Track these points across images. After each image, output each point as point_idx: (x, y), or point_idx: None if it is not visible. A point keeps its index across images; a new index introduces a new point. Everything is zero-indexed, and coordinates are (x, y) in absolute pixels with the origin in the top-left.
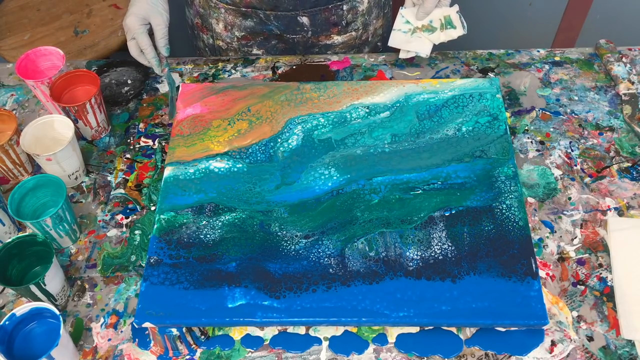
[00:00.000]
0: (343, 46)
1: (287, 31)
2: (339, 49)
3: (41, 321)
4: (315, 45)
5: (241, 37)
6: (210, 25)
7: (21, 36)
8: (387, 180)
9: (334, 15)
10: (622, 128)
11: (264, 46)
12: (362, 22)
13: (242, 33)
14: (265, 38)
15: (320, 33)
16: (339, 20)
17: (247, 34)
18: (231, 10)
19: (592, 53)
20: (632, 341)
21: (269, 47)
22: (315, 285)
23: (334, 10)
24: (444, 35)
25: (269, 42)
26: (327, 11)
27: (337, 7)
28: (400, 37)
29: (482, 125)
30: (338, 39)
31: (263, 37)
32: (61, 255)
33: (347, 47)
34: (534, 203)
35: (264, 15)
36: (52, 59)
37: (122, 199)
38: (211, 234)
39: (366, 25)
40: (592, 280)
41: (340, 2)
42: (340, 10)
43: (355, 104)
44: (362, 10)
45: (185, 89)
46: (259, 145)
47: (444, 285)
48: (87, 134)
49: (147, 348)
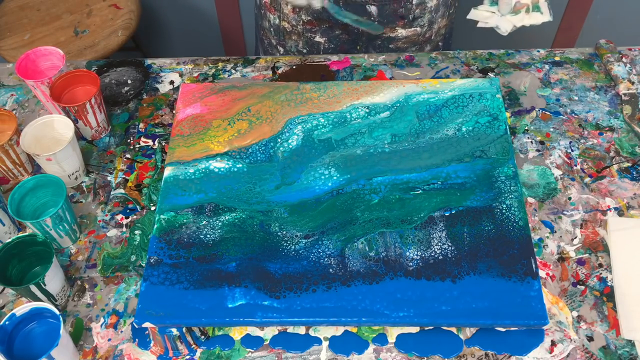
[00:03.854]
0: (406, 41)
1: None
2: (402, 43)
3: (41, 321)
4: (378, 37)
5: (307, 22)
6: (279, 5)
7: (21, 36)
8: (387, 180)
9: (403, 8)
10: (622, 128)
11: (327, 35)
12: (429, 18)
13: (309, 18)
14: (330, 27)
15: (386, 25)
16: (406, 13)
17: (313, 19)
18: None
19: (592, 53)
20: (632, 341)
21: (332, 36)
22: (315, 285)
23: (404, 3)
24: (529, 19)
25: (333, 31)
26: (396, 3)
27: (407, 1)
28: (483, 13)
29: (482, 125)
30: (402, 32)
31: (328, 25)
32: (61, 255)
33: (410, 42)
34: (534, 203)
35: (334, 1)
36: (52, 59)
37: (122, 199)
38: (211, 234)
39: (432, 23)
40: (592, 280)
41: None
42: (409, 4)
43: (355, 104)
44: (431, 7)
45: (185, 89)
46: (259, 145)
47: (444, 285)
48: (87, 134)
49: (147, 348)
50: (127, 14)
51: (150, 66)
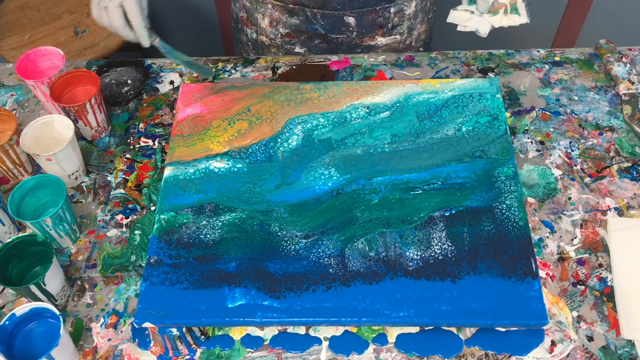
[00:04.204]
0: (386, 49)
1: (332, 31)
2: (382, 51)
3: (41, 321)
4: (358, 46)
5: (285, 35)
6: (255, 20)
7: (21, 36)
8: (387, 180)
9: (381, 17)
10: (622, 128)
11: (306, 45)
12: (408, 25)
13: (287, 30)
14: (309, 37)
15: (365, 34)
16: (385, 22)
17: (291, 32)
18: (278, 7)
19: (592, 53)
20: (632, 341)
21: (311, 46)
22: (315, 285)
23: (381, 12)
24: (507, 20)
25: (312, 41)
26: (374, 12)
27: (385, 9)
28: (461, 15)
29: (482, 125)
30: (382, 40)
31: (307, 36)
32: (61, 255)
33: (390, 50)
34: (534, 203)
35: (311, 14)
36: (52, 59)
37: (122, 199)
38: (211, 234)
39: (411, 30)
40: (592, 280)
41: (388, 5)
42: (387, 13)
43: (355, 104)
44: (409, 13)
45: (185, 89)
46: (259, 145)
47: (444, 285)
48: (87, 134)
49: (147, 348)
50: None
51: (150, 66)
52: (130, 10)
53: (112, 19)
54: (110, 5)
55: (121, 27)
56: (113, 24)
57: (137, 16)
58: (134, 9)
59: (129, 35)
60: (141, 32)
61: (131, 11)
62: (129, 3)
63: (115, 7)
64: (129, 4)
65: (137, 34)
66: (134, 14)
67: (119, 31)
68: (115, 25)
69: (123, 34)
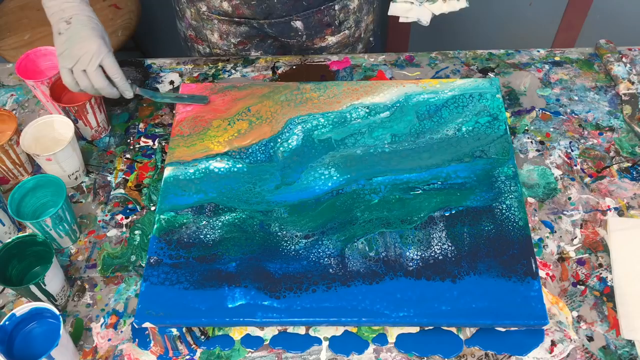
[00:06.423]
0: (338, 46)
1: (282, 36)
2: (334, 49)
3: (41, 321)
4: (310, 49)
5: (238, 43)
6: (205, 36)
7: (21, 36)
8: (387, 180)
9: (327, 16)
10: (622, 128)
11: (261, 47)
12: (354, 19)
13: (238, 39)
14: (262, 39)
15: (315, 36)
16: (331, 20)
17: (243, 39)
18: (224, 21)
19: (592, 53)
20: (632, 341)
21: (266, 46)
22: (315, 285)
23: (326, 11)
24: (446, 6)
25: (266, 42)
26: (319, 13)
27: (329, 8)
28: (401, 6)
29: (482, 125)
30: (332, 39)
31: (259, 39)
32: (61, 255)
33: (342, 46)
34: (534, 203)
35: (258, 24)
36: (52, 59)
37: (122, 199)
38: (211, 234)
39: (358, 23)
40: (592, 280)
41: (332, 3)
42: (332, 11)
43: (355, 104)
44: (354, 8)
45: (185, 89)
46: (259, 145)
47: (444, 285)
48: (87, 134)
49: (147, 348)
50: (127, 14)
51: (150, 66)
52: (110, 67)
53: (94, 80)
54: (89, 67)
55: (105, 86)
56: (96, 85)
57: (118, 71)
58: (113, 65)
59: (111, 92)
60: (125, 86)
61: (112, 68)
62: (107, 61)
63: (95, 69)
64: (107, 61)
65: (120, 89)
66: (114, 70)
67: (102, 91)
68: (98, 86)
69: (106, 93)
